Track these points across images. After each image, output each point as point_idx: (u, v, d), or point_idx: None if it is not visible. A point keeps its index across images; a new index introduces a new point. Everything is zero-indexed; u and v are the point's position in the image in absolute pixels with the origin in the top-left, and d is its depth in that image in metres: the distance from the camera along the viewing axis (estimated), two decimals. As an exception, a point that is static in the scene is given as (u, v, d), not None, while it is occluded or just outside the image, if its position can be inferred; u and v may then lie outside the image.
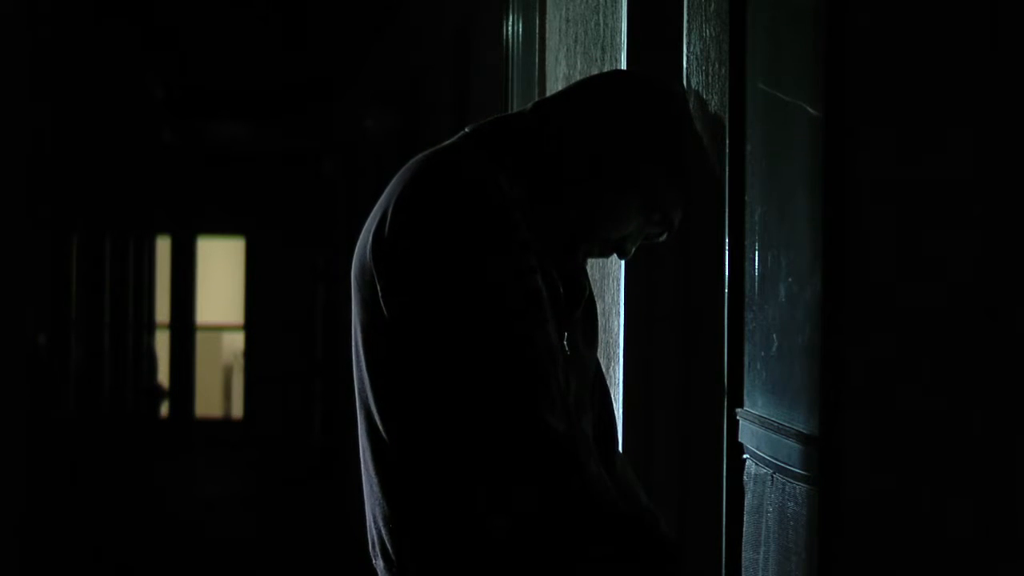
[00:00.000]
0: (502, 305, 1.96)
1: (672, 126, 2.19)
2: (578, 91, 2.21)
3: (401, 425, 2.01)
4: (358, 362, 2.07)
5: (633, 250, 2.24)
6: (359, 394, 2.07)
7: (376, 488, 2.04)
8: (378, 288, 2.01)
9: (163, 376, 13.22)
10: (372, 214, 2.06)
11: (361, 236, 2.08)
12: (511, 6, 4.18)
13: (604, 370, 2.43)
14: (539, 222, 2.10)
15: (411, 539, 2.01)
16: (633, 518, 2.02)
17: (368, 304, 2.03)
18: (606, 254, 2.25)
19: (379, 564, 2.06)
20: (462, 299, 1.96)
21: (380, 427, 2.03)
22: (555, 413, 1.95)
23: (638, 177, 2.15)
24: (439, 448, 1.99)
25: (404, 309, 1.99)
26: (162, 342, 13.27)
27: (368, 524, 2.08)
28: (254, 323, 14.49)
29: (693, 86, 2.38)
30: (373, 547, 2.07)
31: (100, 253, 8.62)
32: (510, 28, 4.19)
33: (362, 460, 2.08)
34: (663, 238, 2.26)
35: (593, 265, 2.88)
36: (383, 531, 2.04)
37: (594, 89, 2.21)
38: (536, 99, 2.35)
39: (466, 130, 2.16)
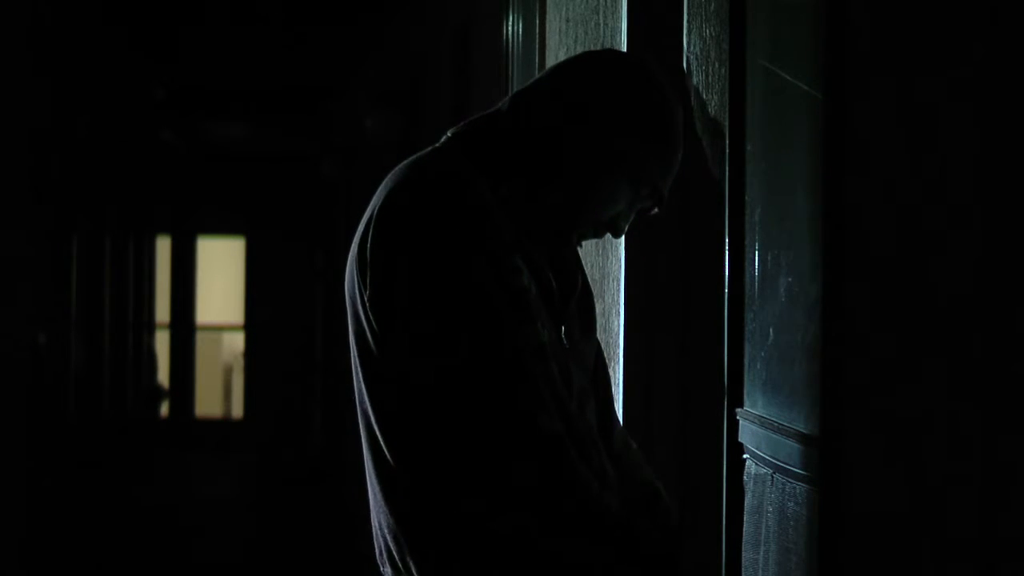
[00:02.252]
0: (483, 309, 1.96)
1: (647, 96, 2.16)
2: (550, 77, 2.20)
3: (397, 434, 2.02)
4: (355, 372, 2.07)
5: (626, 227, 2.22)
6: (359, 403, 2.07)
7: (379, 496, 2.04)
8: (364, 298, 2.01)
9: (163, 376, 13.21)
10: (361, 223, 2.06)
11: (352, 246, 2.08)
12: (511, 6, 4.18)
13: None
14: (528, 215, 2.10)
15: (415, 546, 2.01)
16: (623, 520, 2.02)
17: (358, 314, 2.03)
18: (600, 235, 2.24)
19: (387, 571, 2.06)
20: (443, 306, 1.96)
21: (378, 436, 2.03)
22: (546, 412, 1.96)
23: (620, 152, 2.13)
24: (435, 455, 1.99)
25: (388, 319, 1.99)
26: (162, 342, 13.27)
27: (374, 531, 2.09)
28: (254, 323, 14.49)
29: (693, 86, 2.38)
30: (381, 555, 2.07)
31: (100, 253, 8.62)
32: (510, 28, 4.19)
33: (365, 468, 2.09)
34: (655, 212, 2.24)
35: (593, 265, 2.89)
36: (388, 539, 2.04)
37: (564, 72, 2.20)
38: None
39: (448, 134, 2.16)
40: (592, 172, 2.13)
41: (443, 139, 2.15)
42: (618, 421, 2.32)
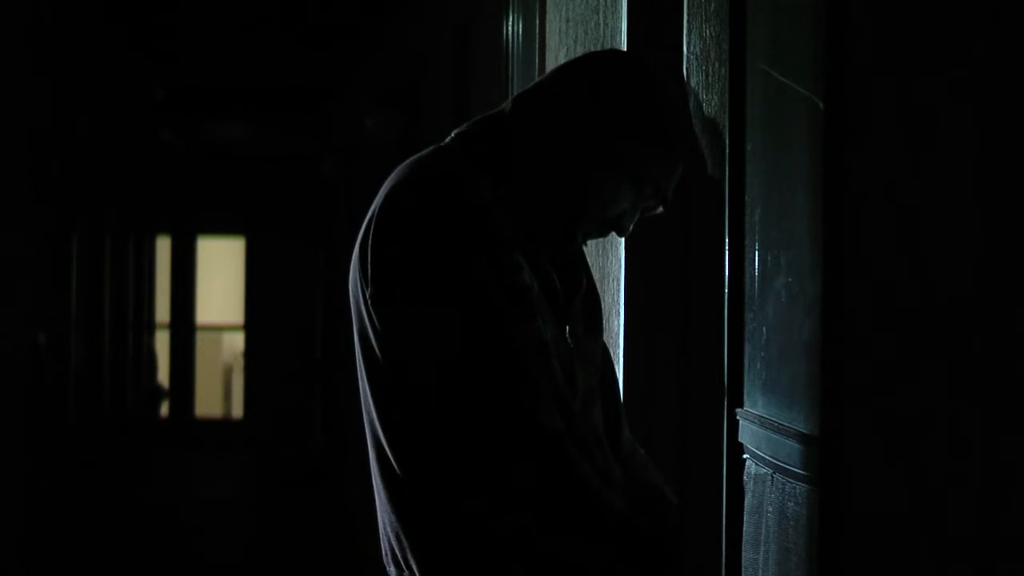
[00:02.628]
0: (483, 306, 1.96)
1: (648, 98, 2.16)
2: (552, 78, 2.21)
3: (399, 433, 2.02)
4: (360, 372, 2.08)
5: (631, 226, 2.23)
6: (363, 403, 2.08)
7: (383, 496, 2.05)
8: (367, 297, 2.01)
9: (163, 376, 13.21)
10: (364, 222, 2.07)
11: (355, 245, 2.09)
12: (511, 6, 4.18)
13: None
14: (531, 214, 2.11)
15: (418, 546, 2.01)
16: (625, 519, 2.02)
17: (361, 313, 2.04)
18: (605, 234, 2.24)
19: (391, 571, 2.07)
20: (443, 303, 1.97)
21: (381, 435, 2.03)
22: (546, 409, 1.96)
23: (620, 154, 2.14)
24: (436, 454, 1.99)
25: (390, 317, 2.00)
26: (162, 342, 13.27)
27: (380, 531, 2.09)
28: (254, 323, 14.49)
29: (693, 86, 2.38)
30: (385, 555, 2.08)
31: (100, 253, 8.62)
32: (510, 28, 4.19)
33: (371, 467, 2.09)
34: (660, 210, 2.25)
35: (593, 265, 2.89)
36: (392, 537, 2.04)
37: (566, 74, 2.20)
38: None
39: (452, 134, 2.16)
40: (593, 173, 2.13)
41: (448, 139, 2.16)
42: (626, 424, 2.31)
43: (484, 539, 1.98)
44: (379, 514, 2.08)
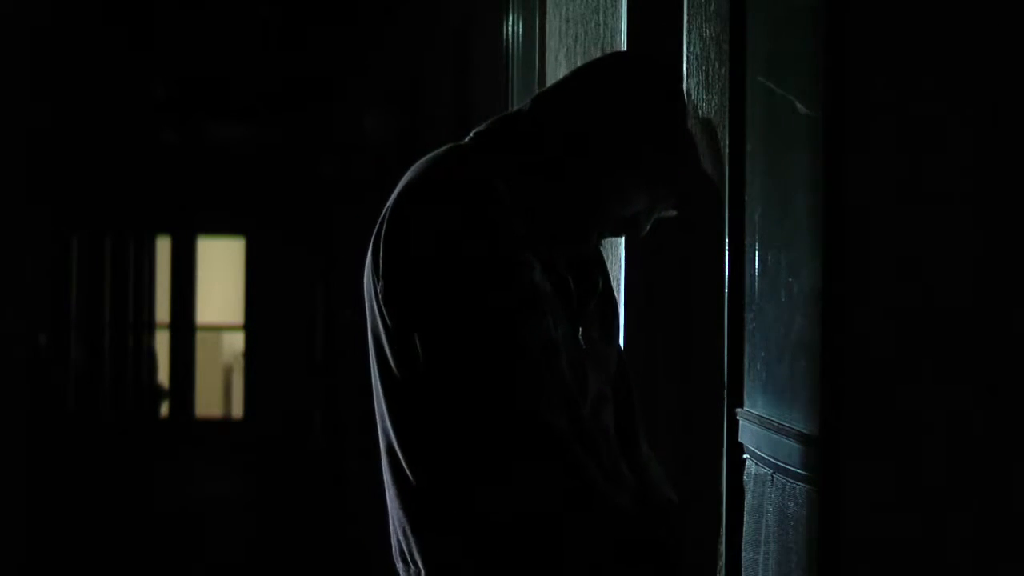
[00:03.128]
0: (492, 304, 1.97)
1: (668, 101, 2.18)
2: (573, 78, 2.22)
3: (408, 432, 2.02)
4: (372, 371, 2.08)
5: (648, 227, 2.23)
6: (376, 403, 2.08)
7: (393, 493, 2.05)
8: (378, 293, 2.02)
9: (163, 376, 13.21)
10: (378, 220, 2.07)
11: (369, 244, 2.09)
12: (511, 6, 4.19)
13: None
14: (547, 213, 2.11)
15: (422, 541, 2.01)
16: (629, 519, 2.02)
17: (373, 311, 2.04)
18: (619, 234, 2.25)
19: (399, 567, 2.07)
20: (452, 301, 1.97)
21: (392, 434, 2.03)
22: (551, 409, 1.96)
23: (638, 155, 2.15)
24: (443, 452, 1.99)
25: (399, 315, 2.00)
26: (162, 342, 13.27)
27: (390, 528, 2.09)
28: (254, 323, 14.48)
29: (693, 86, 2.38)
30: (395, 552, 2.08)
31: (100, 253, 8.62)
32: (510, 28, 4.19)
33: (382, 465, 2.09)
34: (674, 213, 2.26)
35: (593, 265, 2.88)
36: (399, 533, 2.05)
37: (588, 74, 2.21)
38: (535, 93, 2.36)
39: (471, 133, 2.17)
40: (610, 175, 2.14)
41: (467, 138, 2.16)
42: (644, 437, 2.30)
43: (487, 536, 1.98)
44: (390, 510, 2.09)
